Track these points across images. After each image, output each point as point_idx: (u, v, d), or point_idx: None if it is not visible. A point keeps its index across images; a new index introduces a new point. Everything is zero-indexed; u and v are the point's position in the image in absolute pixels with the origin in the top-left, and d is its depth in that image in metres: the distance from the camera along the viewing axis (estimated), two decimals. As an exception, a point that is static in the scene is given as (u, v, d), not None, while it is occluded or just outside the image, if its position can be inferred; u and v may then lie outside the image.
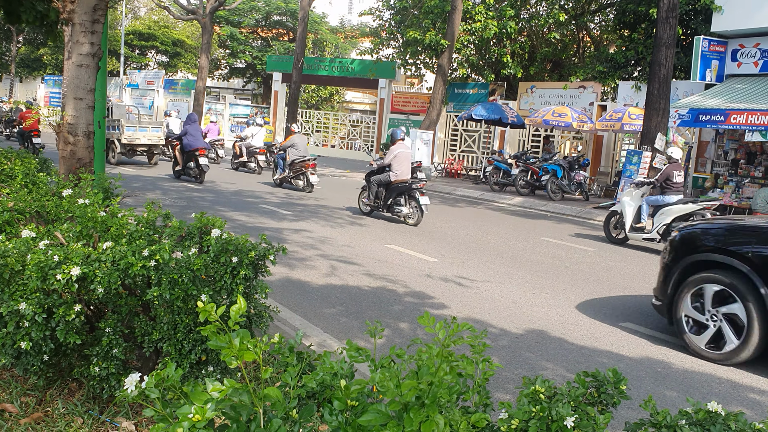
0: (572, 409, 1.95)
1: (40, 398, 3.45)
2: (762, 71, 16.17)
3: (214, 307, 1.65)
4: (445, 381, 1.67)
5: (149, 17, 45.93)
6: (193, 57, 43.08)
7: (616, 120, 17.81)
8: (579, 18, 24.05)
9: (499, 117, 20.22)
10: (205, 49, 28.09)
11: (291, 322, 5.61)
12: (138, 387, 1.61)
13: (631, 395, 2.52)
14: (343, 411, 1.73)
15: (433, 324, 1.92)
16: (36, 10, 7.89)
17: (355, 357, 1.90)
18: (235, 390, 1.64)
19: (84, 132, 5.39)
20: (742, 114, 13.98)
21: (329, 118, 33.40)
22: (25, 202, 4.03)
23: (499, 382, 4.62)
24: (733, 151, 17.19)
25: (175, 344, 3.16)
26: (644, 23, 19.87)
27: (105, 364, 3.11)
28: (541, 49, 24.62)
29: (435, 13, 23.84)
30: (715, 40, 16.62)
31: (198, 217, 3.56)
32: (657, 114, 14.92)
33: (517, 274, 8.28)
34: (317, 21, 39.72)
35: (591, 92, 21.31)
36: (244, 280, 3.29)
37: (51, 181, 5.18)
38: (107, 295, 3.01)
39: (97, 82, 5.58)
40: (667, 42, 14.67)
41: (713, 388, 4.88)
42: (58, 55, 41.77)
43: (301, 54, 25.56)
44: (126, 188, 6.21)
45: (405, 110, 28.34)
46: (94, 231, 3.50)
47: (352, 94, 43.46)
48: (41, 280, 2.88)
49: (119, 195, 4.83)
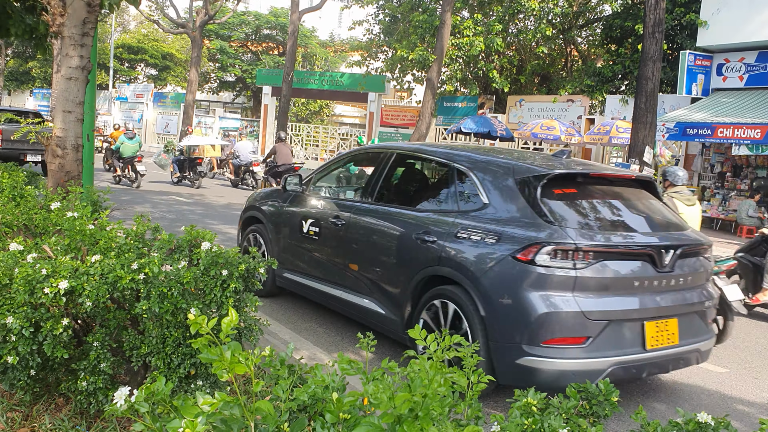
0: (564, 421, 1.95)
1: (27, 414, 3.41)
2: (747, 85, 16.39)
3: (205, 319, 1.64)
4: (438, 393, 1.66)
5: (139, 31, 45.96)
6: (183, 70, 43.09)
7: (604, 133, 17.96)
8: (566, 33, 24.30)
9: (488, 130, 20.34)
10: (194, 63, 28.13)
11: (281, 336, 5.58)
12: (127, 401, 1.59)
13: (622, 407, 2.52)
14: (335, 424, 1.72)
15: (424, 336, 1.92)
16: (25, 23, 7.88)
17: (347, 369, 1.89)
18: (226, 403, 1.63)
19: (73, 145, 5.37)
20: (729, 128, 14.15)
21: (319, 131, 33.46)
22: (13, 215, 4.00)
23: (491, 394, 4.61)
24: (720, 164, 17.37)
25: (164, 358, 3.13)
26: (631, 38, 20.10)
27: (93, 378, 3.08)
28: (529, 63, 24.82)
29: (424, 27, 24.01)
30: (701, 55, 16.83)
31: (188, 230, 3.55)
32: (644, 127, 15.05)
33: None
34: (307, 35, 39.89)
35: (579, 106, 21.50)
36: (234, 293, 3.27)
37: (39, 194, 5.15)
38: (95, 308, 2.98)
39: (86, 96, 5.56)
40: (653, 56, 14.82)
41: (702, 399, 4.90)
42: (47, 69, 41.63)
43: (291, 67, 25.63)
44: (115, 201, 6.18)
45: (394, 123, 28.45)
46: (83, 244, 3.48)
47: (342, 108, 43.58)
48: (29, 294, 2.86)
49: (108, 208, 4.81)
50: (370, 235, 5.43)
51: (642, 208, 4.93)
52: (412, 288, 4.89)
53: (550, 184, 4.52)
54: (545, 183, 4.46)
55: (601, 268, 4.21)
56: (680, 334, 4.50)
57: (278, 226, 6.60)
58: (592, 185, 4.92)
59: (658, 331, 4.41)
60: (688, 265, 4.63)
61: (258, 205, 7.00)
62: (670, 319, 4.47)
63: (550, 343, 4.10)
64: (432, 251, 4.73)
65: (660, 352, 4.39)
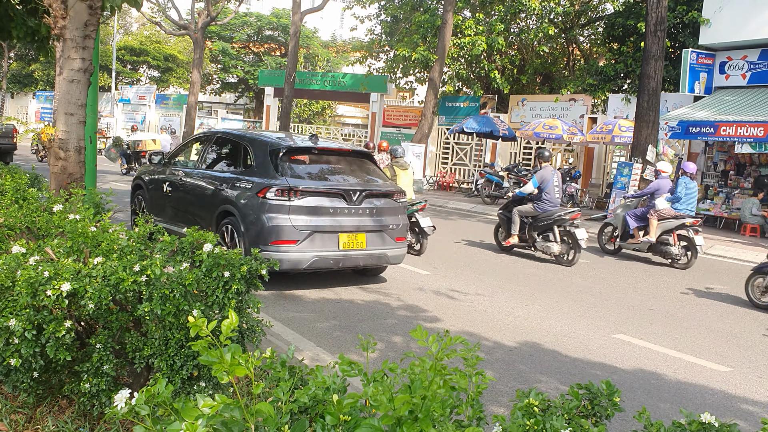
0: (566, 421, 1.95)
1: (30, 416, 3.41)
2: (750, 83, 16.33)
3: (205, 321, 1.64)
4: (439, 395, 1.66)
5: (141, 33, 45.99)
6: (185, 72, 43.12)
7: (606, 132, 17.91)
8: (568, 32, 24.26)
9: (491, 130, 20.31)
10: (196, 64, 28.14)
11: (284, 337, 5.58)
12: (128, 404, 1.59)
13: (625, 407, 2.51)
14: (336, 426, 1.71)
15: (426, 337, 1.92)
16: (27, 25, 7.89)
17: (348, 371, 1.89)
18: (227, 406, 1.63)
19: (75, 147, 5.37)
20: (732, 126, 14.10)
21: (321, 132, 33.45)
22: (16, 218, 4.00)
23: (492, 395, 4.61)
24: (723, 163, 17.32)
25: (167, 360, 3.13)
26: (633, 36, 20.06)
27: (95, 380, 3.08)
28: (531, 62, 24.79)
29: (425, 27, 23.99)
30: (703, 53, 16.79)
31: (190, 232, 3.55)
32: (647, 126, 15.03)
33: (510, 287, 8.28)
34: (309, 36, 39.88)
35: (581, 105, 21.45)
36: (236, 294, 3.28)
37: (42, 196, 5.16)
38: (98, 310, 2.99)
39: (89, 98, 5.57)
40: (655, 55, 14.80)
41: (706, 399, 4.89)
42: (49, 71, 41.72)
43: (293, 68, 25.63)
44: (117, 203, 6.18)
45: (397, 124, 28.41)
46: (85, 246, 3.48)
47: (344, 108, 43.54)
48: (31, 296, 2.86)
49: (110, 210, 4.81)
50: (196, 188, 8.10)
51: (352, 168, 7.80)
52: (215, 218, 7.50)
53: (288, 153, 7.35)
54: (284, 153, 7.27)
55: (307, 200, 6.98)
56: (367, 243, 7.36)
57: (150, 190, 9.22)
58: (319, 155, 7.68)
59: (349, 240, 7.22)
60: (375, 203, 7.45)
61: (140, 176, 9.68)
62: (360, 233, 7.30)
63: (275, 243, 6.84)
64: (223, 195, 7.46)
65: (351, 252, 7.24)
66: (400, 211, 7.83)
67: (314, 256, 6.96)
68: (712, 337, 6.61)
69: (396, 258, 7.71)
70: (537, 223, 10.14)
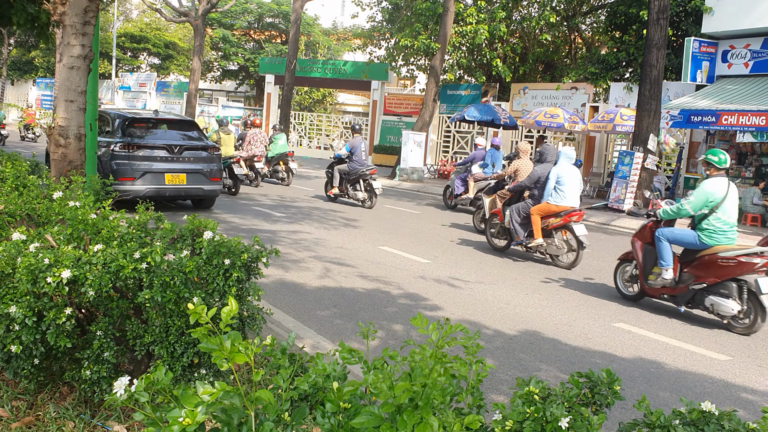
0: (566, 410, 1.95)
1: (31, 402, 3.42)
2: (752, 72, 16.27)
3: (204, 309, 1.64)
4: (439, 382, 1.66)
5: (141, 19, 45.82)
6: (186, 59, 42.99)
7: (608, 121, 17.87)
8: (570, 20, 24.14)
9: (492, 118, 20.23)
10: (197, 52, 28.04)
11: (284, 324, 5.59)
12: (127, 390, 1.59)
13: (625, 395, 2.52)
14: (336, 413, 1.71)
15: (426, 325, 1.91)
16: (27, 12, 7.86)
17: (348, 359, 1.89)
18: (227, 393, 1.63)
19: (75, 134, 5.36)
20: (734, 115, 14.06)
21: (322, 120, 33.38)
22: (16, 205, 4.00)
23: (492, 383, 4.62)
24: (725, 152, 17.27)
25: (167, 347, 3.13)
26: (635, 25, 19.95)
27: (96, 367, 3.09)
28: (532, 50, 24.68)
29: (426, 15, 23.87)
30: (705, 42, 16.71)
31: (190, 219, 3.54)
32: (649, 115, 14.99)
33: (510, 275, 8.29)
34: (310, 23, 39.71)
35: (583, 93, 21.38)
36: (236, 282, 3.27)
37: (42, 183, 5.15)
38: (98, 298, 2.99)
39: (89, 85, 5.55)
40: (658, 43, 14.73)
41: (706, 387, 4.90)
42: (49, 58, 41.60)
43: (294, 56, 25.54)
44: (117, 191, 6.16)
45: (397, 112, 28.35)
46: (85, 234, 3.48)
47: (345, 96, 43.44)
48: (31, 283, 2.86)
49: (110, 197, 4.80)
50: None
51: (179, 132, 11.93)
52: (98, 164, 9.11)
53: (132, 122, 11.49)
54: (128, 122, 11.39)
55: (142, 152, 11.02)
56: (187, 181, 11.37)
57: None
58: (156, 123, 11.84)
59: (173, 178, 11.22)
60: (194, 154, 11.52)
61: None
62: (181, 174, 11.31)
63: (120, 180, 10.67)
64: (105, 153, 10.82)
65: (174, 186, 11.25)
66: (215, 160, 11.83)
67: (147, 189, 10.84)
68: (711, 325, 6.62)
69: (211, 191, 11.78)
70: (349, 178, 14.18)
